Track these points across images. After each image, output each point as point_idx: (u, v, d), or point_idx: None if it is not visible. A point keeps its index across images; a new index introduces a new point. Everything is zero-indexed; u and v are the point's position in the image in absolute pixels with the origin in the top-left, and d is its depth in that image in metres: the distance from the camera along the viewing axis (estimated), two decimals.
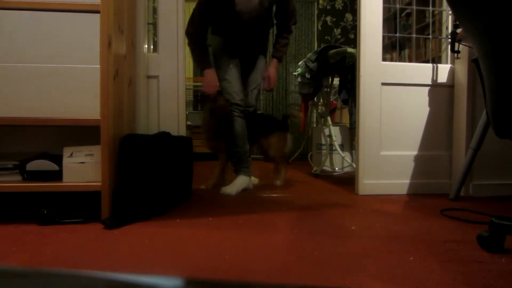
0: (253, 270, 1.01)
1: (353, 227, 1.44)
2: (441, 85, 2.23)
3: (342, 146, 3.14)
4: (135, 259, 1.08)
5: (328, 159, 3.11)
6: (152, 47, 2.39)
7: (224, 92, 2.25)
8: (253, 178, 2.42)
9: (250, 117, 2.33)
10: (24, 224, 1.41)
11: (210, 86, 2.25)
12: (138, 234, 1.33)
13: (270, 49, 2.50)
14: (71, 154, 1.51)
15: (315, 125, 3.61)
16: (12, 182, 1.49)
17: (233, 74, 2.25)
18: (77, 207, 1.60)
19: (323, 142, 3.14)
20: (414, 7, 2.42)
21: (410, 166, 2.21)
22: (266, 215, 1.65)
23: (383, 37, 2.19)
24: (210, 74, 2.24)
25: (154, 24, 2.20)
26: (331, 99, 3.49)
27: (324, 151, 3.13)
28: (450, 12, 2.29)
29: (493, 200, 2.02)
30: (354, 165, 2.80)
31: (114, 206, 1.50)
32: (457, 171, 2.11)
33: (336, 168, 3.12)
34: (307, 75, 3.08)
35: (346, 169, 3.05)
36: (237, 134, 2.23)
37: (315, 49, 3.98)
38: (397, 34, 2.76)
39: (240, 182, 2.20)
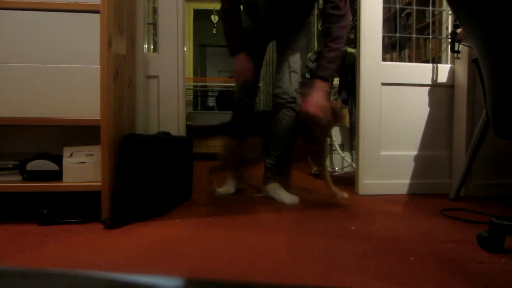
0: (253, 270, 1.01)
1: (353, 227, 1.44)
2: (441, 85, 2.23)
3: (342, 146, 3.14)
4: (135, 259, 1.08)
5: (328, 159, 3.11)
6: (152, 47, 2.39)
7: (235, 86, 2.10)
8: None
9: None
10: (24, 224, 1.41)
11: (242, 73, 1.94)
12: (138, 234, 1.33)
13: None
14: (71, 154, 1.51)
15: None
16: (12, 182, 1.48)
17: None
18: (77, 207, 1.60)
19: None
20: (414, 7, 2.42)
21: (410, 166, 2.21)
22: (266, 215, 1.65)
23: (383, 37, 2.19)
24: (242, 58, 1.92)
25: (154, 24, 2.20)
26: (331, 99, 3.49)
27: None
28: (450, 12, 2.29)
29: (493, 200, 2.02)
30: (354, 165, 2.80)
31: (114, 206, 1.50)
32: (457, 171, 2.11)
33: (336, 168, 3.12)
34: (307, 75, 3.08)
35: (346, 169, 3.05)
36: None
37: (315, 49, 3.98)
38: (397, 34, 2.77)
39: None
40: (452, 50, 2.14)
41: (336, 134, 3.08)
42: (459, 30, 2.07)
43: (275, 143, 1.98)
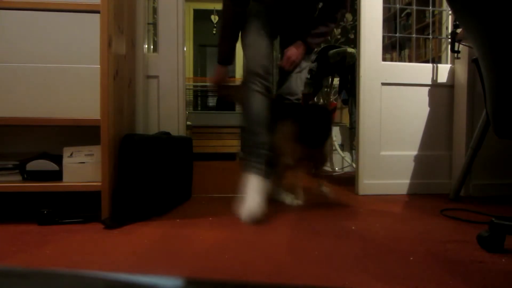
0: (253, 270, 1.01)
1: (353, 227, 1.44)
2: (441, 85, 2.23)
3: (342, 146, 3.14)
4: (135, 259, 1.08)
5: (328, 159, 3.12)
6: (152, 47, 2.39)
7: (245, 60, 1.80)
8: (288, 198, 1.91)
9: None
10: (24, 224, 1.41)
11: (216, 78, 1.86)
12: (138, 234, 1.33)
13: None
14: (71, 154, 1.51)
15: None
16: (12, 182, 1.49)
17: (261, 42, 1.76)
18: (77, 207, 1.60)
19: None
20: (414, 7, 2.42)
21: (410, 166, 2.21)
22: (266, 215, 1.65)
23: (383, 37, 2.19)
24: (221, 71, 1.85)
25: (154, 24, 2.20)
26: (331, 99, 3.49)
27: None
28: (450, 12, 2.29)
29: (493, 200, 2.02)
30: (354, 165, 2.80)
31: (114, 206, 1.50)
32: (457, 171, 2.11)
33: (336, 168, 3.12)
34: (307, 75, 3.08)
35: (346, 169, 3.05)
36: (254, 115, 1.67)
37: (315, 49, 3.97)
38: (397, 34, 2.77)
39: (253, 186, 1.59)
40: (452, 50, 2.14)
41: (336, 134, 3.08)
42: (459, 30, 2.07)
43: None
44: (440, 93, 2.23)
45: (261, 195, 1.56)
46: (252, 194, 1.55)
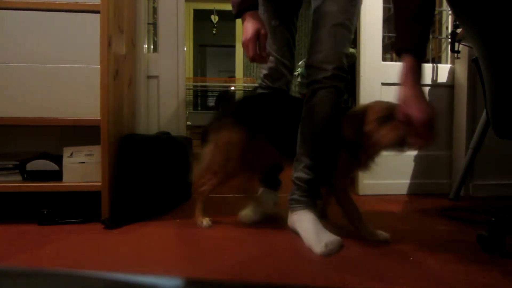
0: (253, 270, 1.01)
1: (353, 227, 1.44)
2: (441, 85, 2.23)
3: None
4: (135, 259, 1.08)
5: None
6: (152, 47, 2.39)
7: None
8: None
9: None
10: (24, 224, 1.41)
11: (246, 45, 1.21)
12: (138, 234, 1.33)
13: None
14: (71, 154, 1.51)
15: None
16: (12, 182, 1.48)
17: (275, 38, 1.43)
18: (77, 207, 1.60)
19: None
20: None
21: (410, 166, 2.21)
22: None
23: (383, 37, 2.19)
24: (248, 20, 1.21)
25: (154, 24, 2.20)
26: None
27: None
28: (450, 12, 2.29)
29: (493, 200, 2.02)
30: None
31: (114, 206, 1.50)
32: (457, 171, 2.11)
33: None
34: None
35: None
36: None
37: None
38: None
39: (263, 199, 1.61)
40: (452, 50, 2.14)
41: None
42: (459, 30, 2.07)
43: (311, 144, 1.30)
44: (440, 93, 2.23)
45: (264, 208, 1.56)
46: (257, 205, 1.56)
